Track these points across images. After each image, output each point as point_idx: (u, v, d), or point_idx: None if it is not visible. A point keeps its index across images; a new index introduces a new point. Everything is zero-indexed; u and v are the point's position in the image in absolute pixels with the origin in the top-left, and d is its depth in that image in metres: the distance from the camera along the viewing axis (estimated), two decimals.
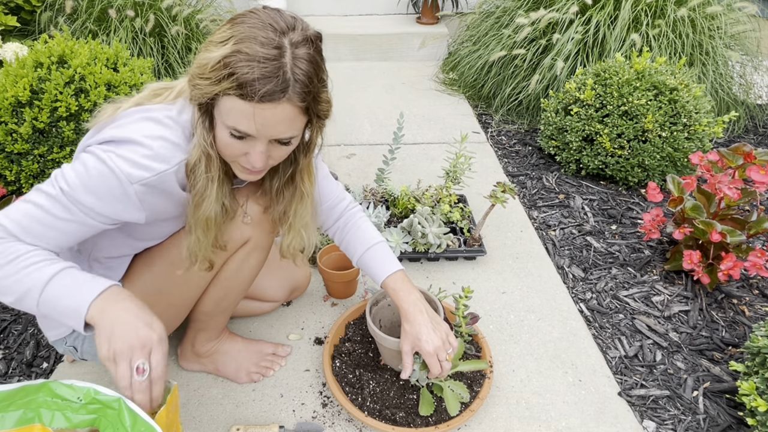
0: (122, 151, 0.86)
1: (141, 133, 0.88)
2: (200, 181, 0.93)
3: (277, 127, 0.86)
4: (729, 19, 2.60)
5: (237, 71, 0.80)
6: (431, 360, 1.11)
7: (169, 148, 0.90)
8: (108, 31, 2.56)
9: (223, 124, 0.87)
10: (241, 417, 1.25)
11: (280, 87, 0.81)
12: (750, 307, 1.61)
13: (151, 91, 0.97)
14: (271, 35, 0.82)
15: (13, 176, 1.87)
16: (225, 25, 0.85)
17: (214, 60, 0.82)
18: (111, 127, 0.90)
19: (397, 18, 3.86)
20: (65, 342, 1.11)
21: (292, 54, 0.82)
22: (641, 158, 2.06)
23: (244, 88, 0.80)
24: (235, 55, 0.80)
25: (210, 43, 0.85)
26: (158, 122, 0.90)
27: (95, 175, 0.85)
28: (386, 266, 1.19)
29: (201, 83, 0.84)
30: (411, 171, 2.28)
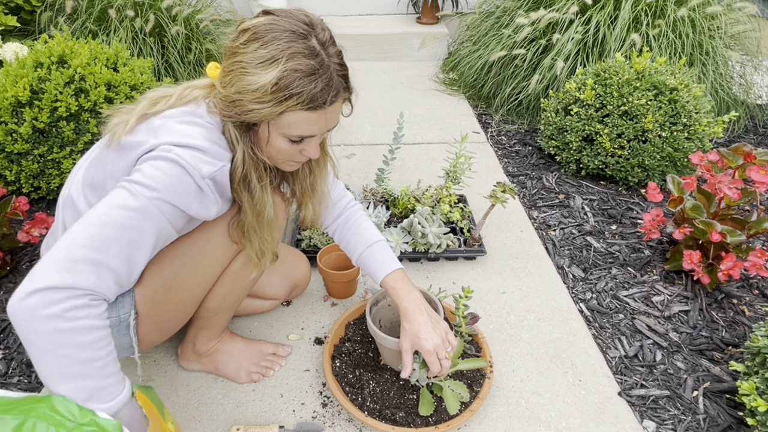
0: (184, 152, 0.88)
1: (190, 137, 0.89)
2: (256, 191, 0.99)
3: (334, 120, 0.97)
4: (729, 19, 2.60)
5: (302, 89, 0.87)
6: (431, 358, 1.11)
7: (217, 146, 0.93)
8: (108, 31, 2.56)
9: (281, 135, 0.93)
10: (241, 417, 1.25)
11: (336, 89, 0.91)
12: (750, 307, 1.61)
13: (151, 101, 0.97)
14: (306, 43, 0.87)
15: (13, 176, 1.87)
16: (251, 43, 0.87)
17: (270, 83, 0.86)
18: (159, 136, 0.89)
19: (397, 18, 3.86)
20: None
21: (327, 54, 0.90)
22: (641, 158, 2.06)
23: (313, 101, 0.88)
24: (291, 74, 0.86)
25: (247, 65, 0.87)
26: (196, 124, 0.92)
27: (170, 173, 0.86)
28: (386, 265, 1.20)
29: (260, 107, 0.88)
30: (411, 171, 2.28)
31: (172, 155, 0.87)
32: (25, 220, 1.71)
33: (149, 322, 1.11)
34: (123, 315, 1.08)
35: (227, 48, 0.91)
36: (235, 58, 0.89)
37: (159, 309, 1.10)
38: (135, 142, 0.92)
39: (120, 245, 0.83)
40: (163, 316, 1.12)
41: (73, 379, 0.78)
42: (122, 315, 1.08)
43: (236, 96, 0.89)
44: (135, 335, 1.11)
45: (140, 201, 0.84)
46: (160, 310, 1.11)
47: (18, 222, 1.82)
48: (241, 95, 0.88)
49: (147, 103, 0.96)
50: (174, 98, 0.97)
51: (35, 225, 1.67)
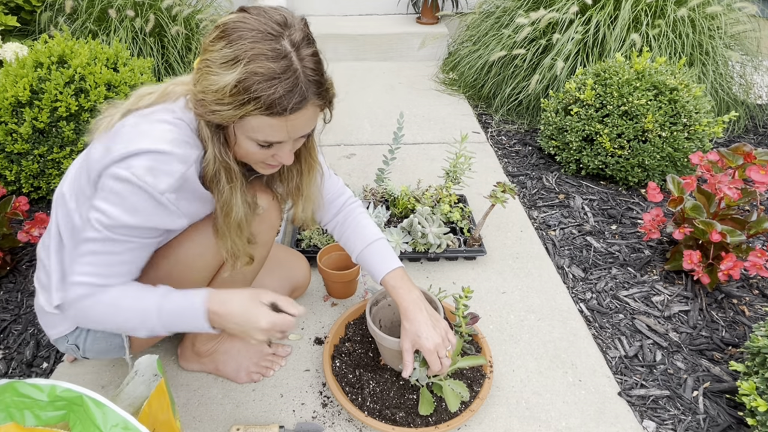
0: (141, 163, 0.87)
1: (151, 138, 0.88)
2: (224, 192, 0.96)
3: (303, 128, 0.91)
4: (729, 19, 2.60)
5: (260, 94, 0.82)
6: (431, 357, 1.11)
7: (182, 146, 0.91)
8: (108, 31, 2.56)
9: (249, 139, 0.90)
10: (241, 417, 1.25)
11: (302, 95, 0.85)
12: (750, 307, 1.61)
13: (137, 98, 0.97)
14: (274, 45, 0.83)
15: (13, 176, 1.87)
16: (218, 41, 0.84)
17: (230, 85, 0.82)
18: (118, 142, 0.89)
19: (397, 18, 3.86)
20: (67, 340, 1.11)
21: (298, 57, 0.84)
22: (641, 158, 2.06)
23: (272, 107, 0.83)
24: (251, 77, 0.82)
25: (212, 64, 0.84)
26: (165, 122, 0.91)
27: (127, 195, 0.87)
28: (386, 263, 1.20)
29: (220, 109, 0.85)
30: (411, 171, 2.28)
31: (127, 174, 0.86)
32: (25, 220, 1.71)
33: None
34: None
35: (202, 44, 0.89)
36: (205, 55, 0.86)
37: None
38: (101, 149, 0.91)
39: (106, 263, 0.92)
40: None
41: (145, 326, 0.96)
42: None
43: (201, 95, 0.87)
44: (126, 335, 1.11)
45: (102, 233, 0.89)
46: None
47: (18, 222, 1.82)
48: (205, 95, 0.86)
49: (133, 99, 0.96)
50: (157, 95, 0.96)
51: (35, 225, 1.67)
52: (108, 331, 1.06)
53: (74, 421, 0.79)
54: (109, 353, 1.15)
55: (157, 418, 0.94)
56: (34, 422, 0.80)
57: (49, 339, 1.46)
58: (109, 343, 1.12)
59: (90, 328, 1.07)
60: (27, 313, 1.56)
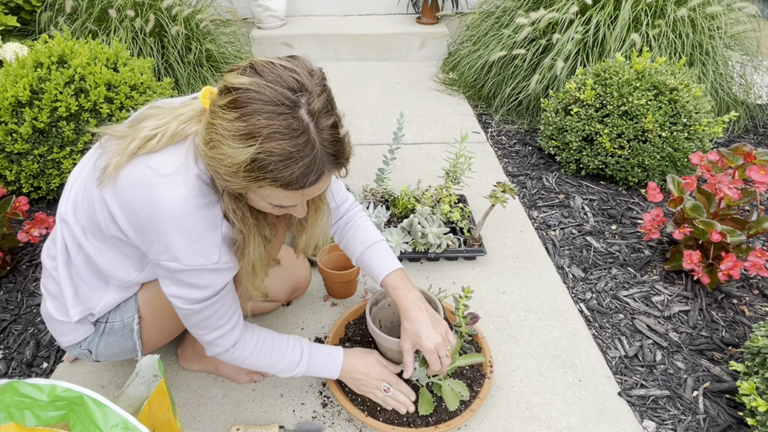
0: (184, 251, 0.90)
1: (179, 222, 0.88)
2: (239, 240, 0.97)
3: (318, 191, 0.90)
4: (729, 19, 2.60)
5: (277, 175, 0.79)
6: (431, 357, 1.11)
7: (208, 209, 0.91)
8: (108, 31, 2.56)
9: (261, 198, 0.88)
10: (241, 417, 1.25)
11: (320, 171, 0.83)
12: (750, 307, 1.61)
13: (143, 139, 0.90)
14: (290, 120, 0.77)
15: (13, 176, 1.87)
16: (230, 110, 0.79)
17: (244, 162, 0.79)
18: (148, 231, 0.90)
19: (397, 18, 3.86)
20: (79, 346, 1.11)
21: (317, 129, 0.80)
22: (641, 158, 2.06)
23: (289, 186, 0.82)
24: (267, 158, 0.78)
25: (224, 135, 0.79)
26: (184, 187, 0.87)
27: (195, 278, 0.94)
28: (386, 264, 1.20)
29: (233, 181, 0.83)
30: (411, 171, 2.28)
31: (178, 266, 0.91)
32: (25, 220, 1.71)
33: (153, 325, 1.12)
34: (127, 319, 1.09)
35: (214, 102, 0.83)
36: (216, 120, 0.81)
37: (162, 312, 1.10)
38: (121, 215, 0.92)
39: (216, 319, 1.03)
40: (166, 319, 1.12)
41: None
42: (126, 319, 1.09)
43: (213, 162, 0.83)
44: (139, 338, 1.11)
45: (193, 308, 0.98)
46: (163, 313, 1.11)
47: (18, 222, 1.82)
48: (217, 163, 0.82)
49: (138, 144, 0.89)
50: (167, 137, 0.89)
51: (35, 225, 1.67)
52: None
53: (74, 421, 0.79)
54: (121, 356, 1.15)
55: (157, 418, 0.94)
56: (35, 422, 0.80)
57: (52, 341, 1.46)
58: (122, 347, 1.13)
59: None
60: (27, 313, 1.56)
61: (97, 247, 0.99)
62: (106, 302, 1.06)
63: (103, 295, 1.05)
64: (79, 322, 1.07)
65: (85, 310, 1.05)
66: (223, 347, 1.05)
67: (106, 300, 1.06)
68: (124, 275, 1.03)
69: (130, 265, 1.02)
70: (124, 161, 0.89)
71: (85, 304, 1.05)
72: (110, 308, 1.07)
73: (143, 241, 0.92)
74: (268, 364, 1.11)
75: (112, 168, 0.90)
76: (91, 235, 0.99)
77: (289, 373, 1.13)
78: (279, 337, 1.13)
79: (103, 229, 0.96)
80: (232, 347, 1.06)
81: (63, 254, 1.03)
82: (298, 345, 1.14)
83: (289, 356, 1.12)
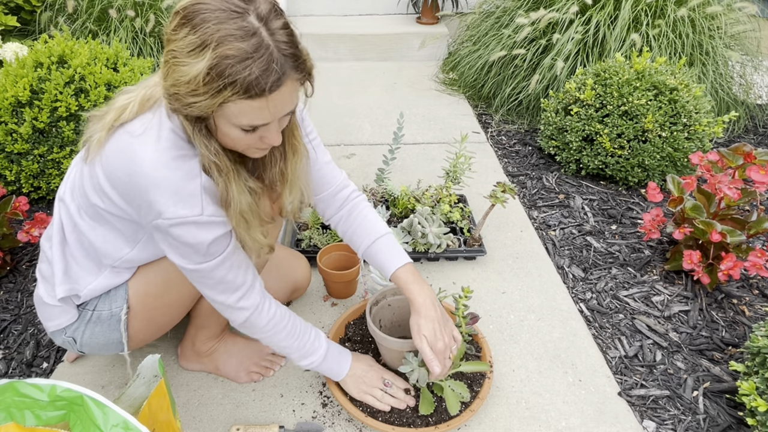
0: (167, 204, 0.89)
1: (153, 175, 0.87)
2: (219, 185, 0.93)
3: (286, 105, 0.86)
4: (729, 19, 2.60)
5: (236, 77, 0.77)
6: (439, 357, 1.10)
7: (183, 161, 0.90)
8: (108, 31, 2.56)
9: (232, 125, 0.86)
10: (241, 417, 1.25)
11: (280, 72, 0.80)
12: (750, 307, 1.61)
13: (119, 109, 0.93)
14: (241, 22, 0.77)
15: (13, 176, 1.87)
16: (181, 28, 0.78)
17: (202, 73, 0.77)
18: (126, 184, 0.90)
19: (397, 18, 3.86)
20: (64, 332, 1.10)
21: (268, 32, 0.79)
22: (641, 158, 2.06)
23: (250, 89, 0.79)
24: (223, 62, 0.76)
25: (178, 54, 0.79)
26: (156, 141, 0.88)
27: (183, 235, 0.92)
28: (396, 259, 1.17)
29: (196, 100, 0.80)
30: (411, 171, 2.28)
31: (164, 223, 0.89)
32: (25, 220, 1.71)
33: (142, 317, 1.11)
34: (115, 309, 1.08)
35: (165, 34, 0.82)
36: (169, 45, 0.80)
37: (155, 303, 1.10)
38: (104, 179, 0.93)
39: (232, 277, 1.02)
40: (158, 310, 1.12)
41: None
42: (114, 309, 1.08)
43: (173, 89, 0.81)
44: (125, 330, 1.10)
45: (199, 268, 0.97)
46: (155, 304, 1.10)
47: (18, 222, 1.82)
48: (178, 88, 0.80)
49: (115, 112, 0.92)
50: (137, 103, 0.92)
51: (35, 225, 1.67)
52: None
53: (74, 420, 0.79)
54: (106, 349, 1.14)
55: (156, 418, 0.94)
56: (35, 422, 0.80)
57: (52, 341, 1.46)
58: (108, 338, 1.11)
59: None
60: (27, 313, 1.56)
61: (90, 224, 1.01)
62: (94, 286, 1.06)
63: (93, 279, 1.05)
64: (63, 302, 1.06)
65: (71, 290, 1.05)
66: (248, 309, 1.04)
67: (95, 284, 1.05)
68: (116, 251, 1.03)
69: (122, 241, 1.02)
70: (105, 135, 0.92)
71: (72, 283, 1.05)
72: (98, 293, 1.07)
73: (132, 207, 0.93)
74: (289, 343, 1.11)
75: (95, 143, 0.93)
76: (84, 212, 1.00)
77: (306, 359, 1.14)
78: (301, 320, 1.15)
79: (96, 204, 0.97)
80: (257, 309, 1.05)
81: (59, 234, 1.05)
82: (320, 334, 1.18)
83: (311, 341, 1.14)
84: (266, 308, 1.07)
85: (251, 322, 1.06)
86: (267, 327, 1.08)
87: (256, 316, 1.05)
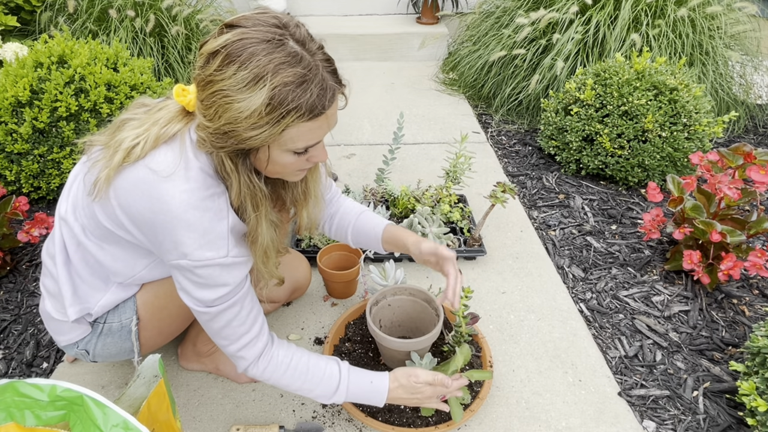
0: (193, 246, 0.88)
1: (185, 218, 0.86)
2: (251, 221, 0.94)
3: (335, 119, 0.90)
4: (729, 19, 2.60)
5: (299, 101, 0.80)
6: (449, 265, 1.11)
7: (213, 200, 0.89)
8: (108, 31, 2.56)
9: (286, 151, 0.87)
10: (241, 417, 1.25)
11: (332, 89, 0.84)
12: (750, 307, 1.61)
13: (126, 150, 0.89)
14: (286, 49, 0.79)
15: (13, 176, 1.87)
16: (227, 67, 0.79)
17: (263, 104, 0.78)
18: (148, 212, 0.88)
19: (397, 18, 3.86)
20: (77, 346, 1.11)
21: (309, 53, 0.82)
22: (641, 158, 2.06)
23: (313, 110, 0.82)
24: (284, 89, 0.78)
25: (230, 92, 0.79)
26: (185, 182, 0.87)
27: (204, 276, 0.90)
28: (380, 221, 1.25)
29: (256, 133, 0.81)
30: (411, 171, 2.28)
31: (187, 263, 0.89)
32: (25, 220, 1.71)
33: (151, 326, 1.12)
34: (125, 320, 1.09)
35: (199, 78, 0.82)
36: (214, 87, 0.80)
37: (161, 313, 1.10)
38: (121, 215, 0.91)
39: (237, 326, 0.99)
40: (165, 320, 1.12)
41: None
42: (124, 320, 1.09)
43: (228, 128, 0.82)
44: (137, 340, 1.11)
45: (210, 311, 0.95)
46: (161, 315, 1.11)
47: (18, 222, 1.82)
48: (234, 125, 0.81)
49: (121, 155, 0.88)
50: (150, 143, 0.88)
51: (35, 225, 1.67)
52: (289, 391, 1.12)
53: (74, 421, 0.79)
54: (118, 357, 1.15)
55: (156, 418, 0.94)
56: (35, 422, 0.80)
57: (52, 341, 1.46)
58: (120, 348, 1.12)
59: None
60: (27, 313, 1.56)
61: (98, 244, 0.99)
62: (104, 302, 1.05)
63: (101, 295, 1.05)
64: (76, 321, 1.06)
65: (83, 310, 1.05)
66: (247, 360, 1.00)
67: (104, 300, 1.05)
68: (128, 270, 1.02)
69: (134, 260, 1.01)
70: (113, 174, 0.88)
71: (83, 303, 1.05)
72: (108, 308, 1.07)
73: (152, 241, 0.92)
74: (304, 387, 1.04)
75: (102, 182, 0.89)
76: (90, 233, 0.99)
77: (326, 400, 1.07)
78: (316, 358, 1.06)
79: (109, 229, 0.95)
80: (257, 359, 1.01)
81: (62, 253, 1.03)
82: (336, 370, 1.07)
83: (326, 381, 1.05)
84: (272, 360, 1.03)
85: (256, 373, 1.03)
86: (273, 378, 1.04)
87: (258, 367, 1.02)
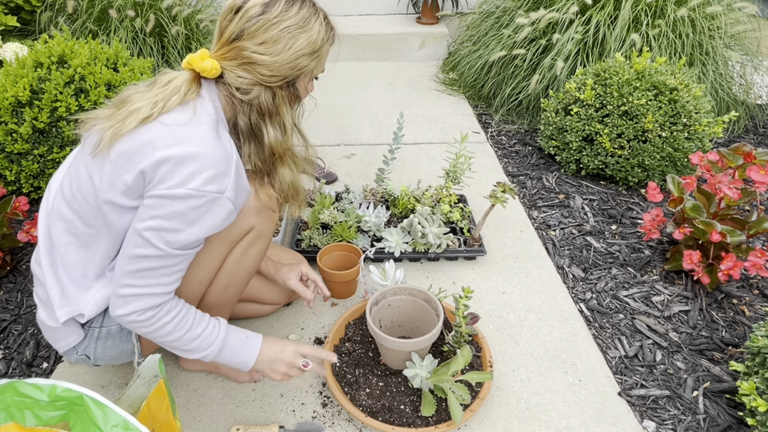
0: (192, 170, 0.90)
1: (195, 142, 0.92)
2: (287, 119, 1.07)
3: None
4: (729, 19, 2.60)
5: (332, 31, 1.05)
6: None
7: (221, 141, 0.95)
8: (108, 31, 2.56)
9: (313, 78, 1.10)
10: (241, 417, 1.25)
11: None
12: (750, 307, 1.61)
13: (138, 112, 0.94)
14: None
15: (13, 176, 1.87)
16: (290, 7, 0.97)
17: (323, 29, 1.02)
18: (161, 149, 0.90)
19: (397, 18, 3.86)
20: (76, 351, 1.10)
21: None
22: (641, 158, 2.06)
23: (334, 38, 1.07)
24: (328, 16, 1.04)
25: (296, 27, 0.97)
26: (199, 122, 0.95)
27: (191, 209, 0.92)
28: None
29: (312, 60, 1.02)
30: (411, 171, 2.28)
31: (184, 191, 0.90)
32: (25, 220, 1.71)
33: None
34: None
35: (258, 22, 0.96)
36: (281, 26, 0.96)
37: None
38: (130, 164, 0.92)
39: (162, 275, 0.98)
40: None
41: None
42: None
43: (295, 55, 0.99)
44: (137, 341, 1.11)
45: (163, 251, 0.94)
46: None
47: (18, 222, 1.82)
48: (301, 52, 0.99)
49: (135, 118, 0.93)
50: (165, 106, 0.94)
51: (35, 225, 1.67)
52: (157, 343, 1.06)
53: (74, 421, 0.79)
54: (120, 359, 1.15)
55: (156, 418, 0.94)
56: (35, 422, 0.80)
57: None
58: (121, 349, 1.12)
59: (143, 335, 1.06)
60: (27, 313, 1.56)
61: (76, 243, 1.00)
62: (96, 300, 1.04)
63: (92, 294, 1.04)
64: (67, 324, 1.06)
65: (72, 312, 1.04)
66: (143, 310, 0.96)
67: (97, 297, 1.04)
68: (113, 249, 1.02)
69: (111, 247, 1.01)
70: (124, 130, 0.92)
71: (72, 305, 1.04)
72: (103, 308, 1.06)
73: (146, 178, 0.92)
74: (176, 337, 1.01)
75: (107, 139, 0.93)
76: (69, 232, 1.00)
77: (200, 352, 1.04)
78: (196, 312, 1.05)
79: (94, 197, 0.95)
80: (144, 311, 0.97)
81: (47, 256, 1.03)
82: (216, 326, 1.06)
83: (208, 331, 1.04)
84: (164, 311, 1.00)
85: (129, 318, 0.98)
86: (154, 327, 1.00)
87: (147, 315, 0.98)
